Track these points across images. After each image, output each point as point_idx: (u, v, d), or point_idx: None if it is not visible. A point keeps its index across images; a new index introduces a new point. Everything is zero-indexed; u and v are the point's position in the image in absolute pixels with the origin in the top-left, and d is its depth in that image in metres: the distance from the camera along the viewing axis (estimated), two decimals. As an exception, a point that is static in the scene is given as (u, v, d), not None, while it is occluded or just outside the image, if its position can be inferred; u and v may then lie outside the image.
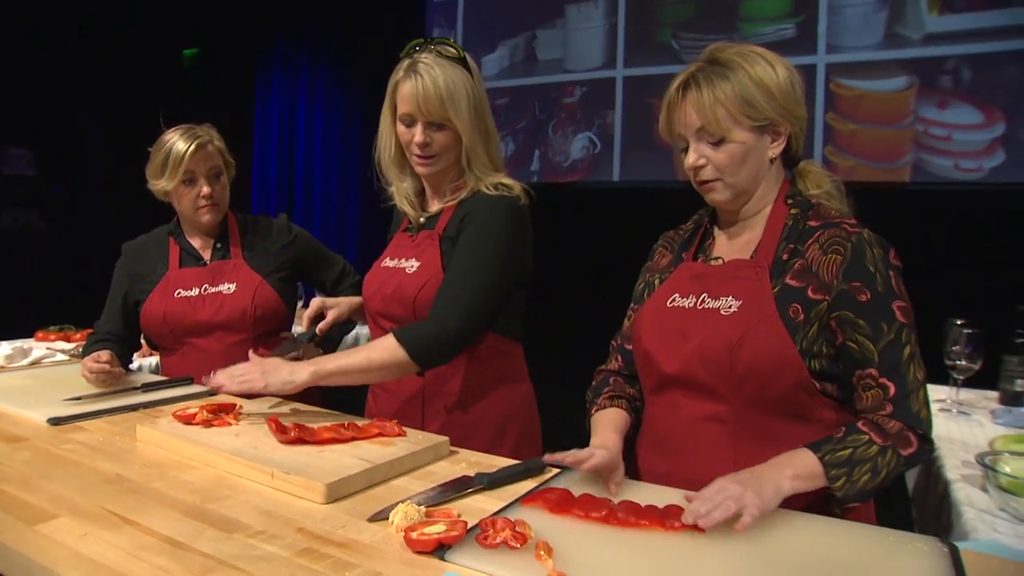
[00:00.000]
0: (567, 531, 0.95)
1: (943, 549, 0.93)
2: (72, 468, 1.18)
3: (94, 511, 1.01)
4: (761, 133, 1.14)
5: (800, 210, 1.17)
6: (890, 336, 1.08)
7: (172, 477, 1.15)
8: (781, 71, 1.13)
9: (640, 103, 4.58)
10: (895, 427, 1.07)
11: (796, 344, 1.09)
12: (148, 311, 1.81)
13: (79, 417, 1.45)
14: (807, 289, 1.11)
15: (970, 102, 3.72)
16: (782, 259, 1.14)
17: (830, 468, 1.02)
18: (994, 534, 1.21)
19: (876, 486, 1.04)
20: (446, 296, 1.42)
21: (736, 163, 1.14)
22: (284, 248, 1.93)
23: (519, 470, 1.19)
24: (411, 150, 1.48)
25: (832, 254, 1.10)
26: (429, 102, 1.41)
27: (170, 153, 1.74)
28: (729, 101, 1.11)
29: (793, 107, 1.14)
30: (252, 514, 1.01)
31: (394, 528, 0.96)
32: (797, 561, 0.89)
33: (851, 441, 1.05)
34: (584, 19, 4.78)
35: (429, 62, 1.42)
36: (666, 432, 1.20)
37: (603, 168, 4.77)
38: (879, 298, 1.08)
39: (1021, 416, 2.04)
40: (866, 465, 1.03)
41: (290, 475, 1.09)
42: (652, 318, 1.24)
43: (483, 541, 0.90)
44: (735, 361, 1.10)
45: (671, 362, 1.18)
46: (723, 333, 1.12)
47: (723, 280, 1.18)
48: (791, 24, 4.09)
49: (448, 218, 1.51)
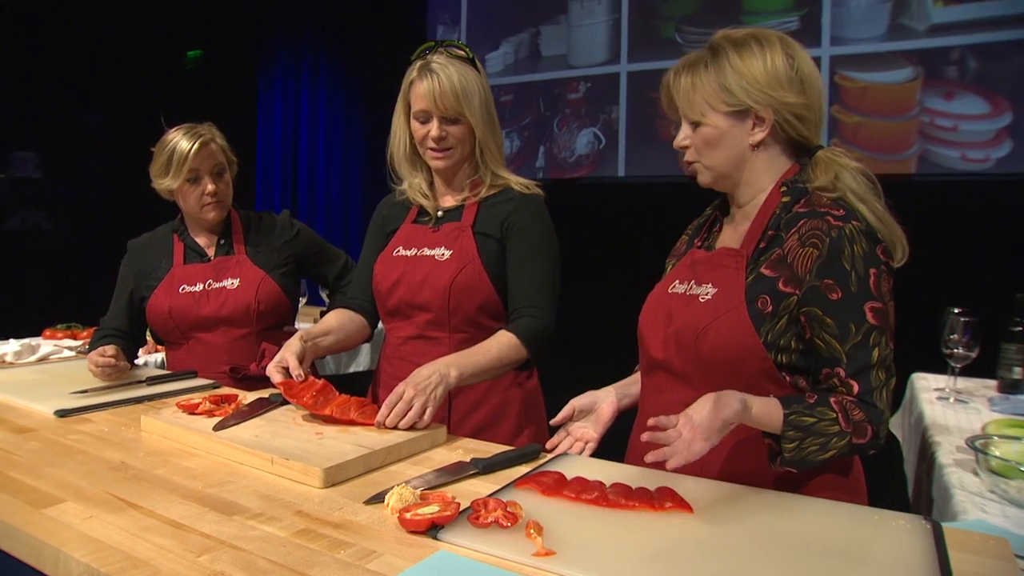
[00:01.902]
0: (559, 512, 0.97)
1: (926, 526, 0.94)
2: (78, 457, 1.21)
3: (99, 496, 1.04)
4: (740, 119, 1.15)
5: (791, 198, 1.16)
6: (857, 337, 1.07)
7: (175, 464, 1.18)
8: (777, 57, 1.13)
9: (644, 98, 4.58)
10: (859, 416, 1.06)
11: (760, 336, 1.10)
12: (153, 306, 1.85)
13: (85, 409, 1.48)
14: (779, 281, 1.11)
15: (976, 92, 3.70)
16: (760, 247, 1.15)
17: (789, 428, 1.03)
18: (982, 514, 1.22)
19: (815, 461, 1.05)
20: (537, 295, 1.54)
21: (710, 146, 1.17)
22: (287, 244, 1.96)
23: (514, 455, 1.21)
24: (426, 145, 1.55)
25: (809, 247, 1.09)
26: (445, 98, 1.49)
27: (174, 152, 1.78)
28: (705, 87, 1.14)
29: (780, 94, 1.12)
30: (252, 498, 1.04)
31: (389, 510, 0.98)
32: (783, 540, 0.90)
33: (819, 412, 1.05)
34: (587, 15, 4.79)
35: (442, 62, 1.51)
36: (652, 414, 1.21)
37: (608, 163, 4.78)
38: (851, 297, 1.07)
39: (1018, 403, 2.05)
40: (819, 439, 1.04)
41: (289, 461, 1.12)
42: (653, 302, 1.28)
43: (475, 520, 0.92)
44: (699, 348, 1.13)
45: (656, 346, 1.22)
46: (695, 319, 1.15)
47: (710, 267, 1.20)
48: (795, 17, 4.08)
49: (475, 212, 1.58)
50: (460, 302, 1.53)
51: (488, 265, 1.54)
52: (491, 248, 1.56)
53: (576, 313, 4.28)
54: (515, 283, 1.55)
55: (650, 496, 1.00)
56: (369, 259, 1.70)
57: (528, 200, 1.59)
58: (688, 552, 0.87)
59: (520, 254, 1.55)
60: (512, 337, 1.49)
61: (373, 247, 1.72)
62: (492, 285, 1.54)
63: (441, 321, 1.55)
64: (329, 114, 5.45)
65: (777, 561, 0.85)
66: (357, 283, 1.74)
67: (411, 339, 1.60)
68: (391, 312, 1.63)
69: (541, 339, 1.52)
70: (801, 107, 1.14)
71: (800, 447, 1.03)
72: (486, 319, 1.56)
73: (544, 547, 0.86)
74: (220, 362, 1.81)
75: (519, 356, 1.50)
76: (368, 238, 1.76)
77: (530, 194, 1.60)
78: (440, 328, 1.56)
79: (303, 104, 5.53)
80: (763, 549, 0.88)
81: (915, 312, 1.79)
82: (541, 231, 1.58)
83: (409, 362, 1.58)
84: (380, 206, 1.77)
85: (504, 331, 1.50)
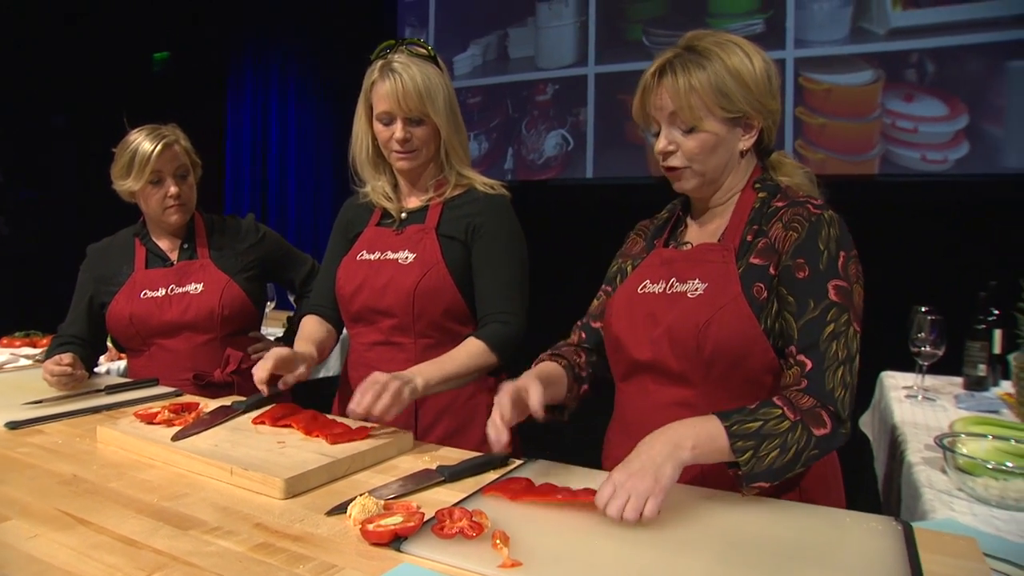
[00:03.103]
0: (526, 520, 0.95)
1: (897, 528, 0.94)
2: (27, 471, 1.16)
3: (46, 512, 0.99)
4: (733, 125, 1.14)
5: (768, 194, 1.18)
6: (814, 313, 1.06)
7: (131, 477, 1.14)
8: (758, 63, 1.12)
9: (612, 100, 4.60)
10: (807, 403, 1.03)
11: (761, 323, 1.09)
12: (114, 312, 1.79)
13: (38, 420, 1.42)
14: (769, 266, 1.12)
15: (935, 95, 3.78)
16: (747, 240, 1.15)
17: (736, 439, 0.98)
18: (951, 512, 1.23)
19: (784, 465, 0.99)
20: (504, 298, 1.51)
21: (706, 153, 1.14)
22: (251, 247, 1.92)
23: (480, 462, 1.18)
24: (390, 147, 1.51)
25: (791, 231, 1.11)
26: (408, 98, 1.45)
27: (136, 153, 1.73)
28: (704, 90, 1.10)
29: (767, 101, 1.14)
30: (209, 511, 1.00)
31: (352, 521, 0.95)
32: (753, 543, 0.89)
33: (763, 414, 1.01)
34: (555, 17, 4.79)
35: (404, 61, 1.46)
36: (635, 418, 1.20)
37: (576, 165, 4.78)
38: (816, 275, 1.07)
39: (983, 400, 2.08)
40: (775, 440, 0.99)
41: (248, 471, 1.08)
42: (623, 305, 1.24)
43: (439, 531, 0.90)
44: (702, 343, 1.10)
45: (641, 348, 1.18)
46: (690, 316, 1.12)
47: (691, 264, 1.19)
48: (760, 19, 4.13)
49: (439, 213, 1.55)
50: (424, 307, 1.50)
51: (453, 269, 1.51)
52: (456, 251, 1.52)
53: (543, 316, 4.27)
54: (483, 288, 1.52)
55: None
56: (332, 263, 1.66)
57: (493, 201, 1.56)
58: (659, 559, 0.85)
59: (487, 258, 1.52)
60: (480, 344, 1.46)
61: (336, 251, 1.68)
62: (457, 289, 1.51)
63: (405, 326, 1.52)
64: (299, 117, 5.38)
65: (749, 566, 0.84)
66: (320, 288, 1.70)
67: (376, 345, 1.56)
68: (355, 318, 1.59)
69: (511, 344, 1.50)
70: (777, 114, 1.16)
71: (756, 456, 0.98)
72: (452, 324, 1.53)
73: (510, 558, 0.84)
74: (183, 369, 1.76)
75: (488, 362, 1.47)
76: (331, 242, 1.72)
77: (495, 194, 1.57)
78: (404, 334, 1.53)
79: (272, 107, 5.45)
80: (735, 554, 0.87)
81: (883, 311, 1.81)
82: (508, 233, 1.55)
83: (374, 368, 1.54)
84: (344, 209, 1.73)
85: (472, 338, 1.48)
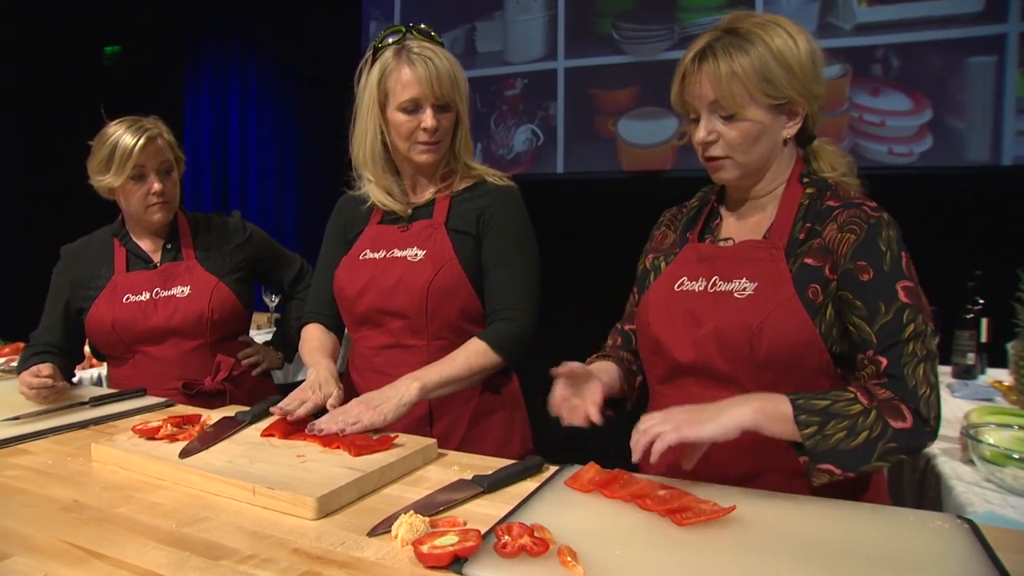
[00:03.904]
0: (585, 533, 0.89)
1: (964, 526, 0.92)
2: (19, 497, 1.06)
3: (53, 546, 0.89)
4: (778, 112, 1.09)
5: (816, 189, 1.13)
6: (888, 316, 1.03)
7: (139, 500, 1.04)
8: (803, 44, 1.07)
9: (582, 94, 4.57)
10: (886, 395, 1.00)
11: (817, 326, 1.05)
12: (94, 319, 1.66)
13: (21, 439, 1.31)
14: (825, 268, 1.07)
15: (900, 89, 3.85)
16: (799, 238, 1.10)
17: (800, 412, 0.96)
18: (989, 506, 1.22)
19: (853, 450, 0.96)
20: (513, 295, 1.44)
21: (749, 142, 1.09)
22: (239, 247, 1.81)
23: (517, 470, 1.12)
24: (415, 138, 1.42)
25: (848, 233, 1.06)
26: (442, 82, 1.38)
27: (116, 147, 1.60)
28: (747, 76, 1.05)
29: (813, 85, 1.08)
30: (237, 536, 0.92)
31: (399, 542, 0.88)
32: (828, 547, 0.85)
33: (833, 395, 0.99)
34: (523, 11, 4.74)
35: (424, 46, 1.38)
36: None
37: (547, 160, 4.74)
38: (883, 277, 1.04)
39: (978, 389, 2.11)
40: (843, 422, 0.96)
41: (275, 490, 1.00)
42: (660, 303, 1.18)
43: (501, 550, 0.84)
44: (756, 347, 1.05)
45: (684, 350, 1.13)
46: (740, 317, 1.07)
47: (735, 262, 1.13)
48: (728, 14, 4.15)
49: (447, 207, 1.47)
50: (439, 306, 1.42)
51: (466, 265, 1.44)
52: (468, 246, 1.45)
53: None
54: (492, 283, 1.45)
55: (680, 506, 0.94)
56: (329, 266, 1.56)
57: (504, 193, 1.49)
58: (734, 567, 0.81)
59: (497, 251, 1.45)
60: (481, 343, 1.39)
61: (333, 253, 1.57)
62: (472, 286, 1.44)
63: (418, 328, 1.44)
64: (260, 112, 5.20)
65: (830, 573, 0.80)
66: (318, 293, 1.59)
67: (385, 348, 1.48)
68: (360, 320, 1.50)
69: (517, 343, 1.42)
70: (822, 98, 1.11)
71: (821, 433, 0.95)
72: (467, 324, 1.46)
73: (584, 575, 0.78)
74: (171, 377, 1.65)
75: (491, 363, 1.39)
76: (326, 244, 1.61)
77: (505, 186, 1.50)
78: (417, 335, 1.45)
79: (232, 103, 5.25)
80: (810, 556, 0.83)
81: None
82: (519, 226, 1.48)
83: (383, 374, 1.47)
84: (339, 207, 1.62)
85: (475, 338, 1.41)
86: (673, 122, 4.14)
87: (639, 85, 4.33)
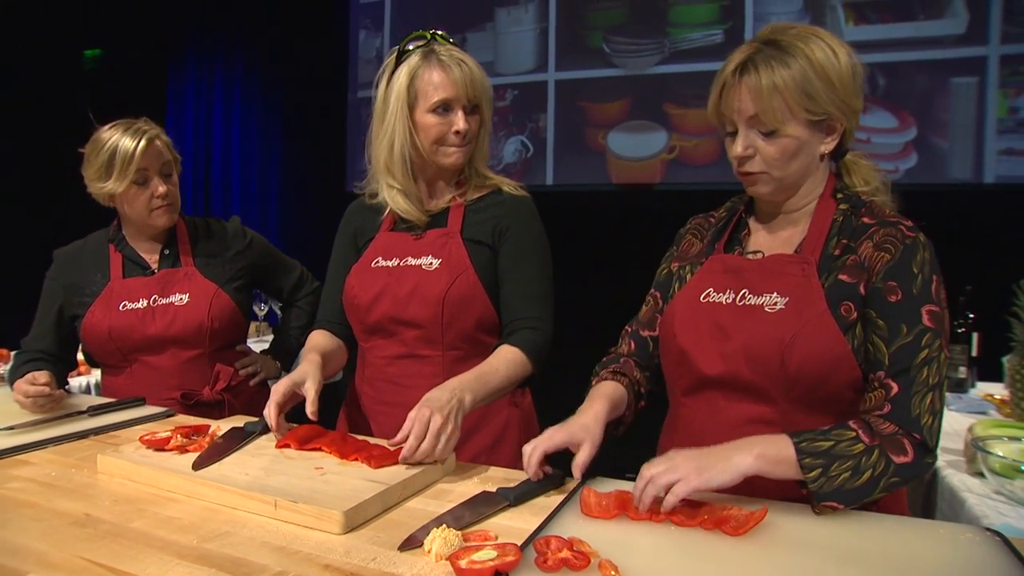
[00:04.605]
0: (622, 545, 0.88)
1: (994, 538, 0.92)
2: (27, 510, 1.01)
3: (70, 562, 0.86)
4: (816, 128, 1.08)
5: (850, 206, 1.12)
6: (907, 338, 1.02)
7: (153, 514, 1.00)
8: (843, 57, 1.06)
9: (572, 106, 4.59)
10: (888, 429, 1.00)
11: (849, 342, 1.04)
12: (90, 326, 1.61)
13: (20, 449, 1.26)
14: (860, 285, 1.06)
15: (886, 107, 3.92)
16: (833, 254, 1.09)
17: (804, 456, 0.96)
18: (1004, 518, 1.23)
19: (857, 488, 0.96)
20: (535, 305, 1.42)
21: (787, 158, 1.08)
22: (239, 254, 1.77)
23: (541, 482, 1.11)
24: (447, 140, 1.41)
25: (884, 252, 1.05)
26: (475, 84, 1.39)
27: (116, 152, 1.56)
28: (788, 91, 1.04)
29: (852, 100, 1.07)
30: (263, 552, 0.89)
31: (433, 556, 0.86)
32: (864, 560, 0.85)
33: (835, 435, 0.98)
34: (515, 22, 4.75)
35: (451, 50, 1.40)
36: (704, 435, 1.13)
37: (536, 171, 4.74)
38: (910, 300, 1.03)
39: (971, 402, 2.14)
40: (847, 462, 0.96)
41: (298, 504, 0.97)
42: (686, 315, 1.17)
43: (543, 564, 0.82)
44: (787, 362, 1.05)
45: (711, 363, 1.12)
46: (771, 332, 1.07)
47: (764, 275, 1.12)
48: (719, 30, 4.20)
49: (461, 216, 1.45)
50: (454, 316, 1.40)
51: (482, 274, 1.42)
52: (484, 256, 1.43)
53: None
54: (511, 292, 1.43)
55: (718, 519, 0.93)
56: (340, 275, 1.53)
57: (520, 203, 1.48)
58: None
59: (516, 261, 1.44)
60: (517, 352, 1.36)
61: (343, 261, 1.54)
62: (487, 296, 1.42)
63: (433, 337, 1.42)
64: (245, 119, 5.14)
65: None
66: (328, 302, 1.56)
67: (398, 358, 1.45)
68: (372, 329, 1.47)
69: (544, 352, 1.41)
70: (859, 113, 1.10)
71: (826, 475, 0.95)
72: (482, 334, 1.44)
73: (630, 590, 0.77)
74: (168, 387, 1.61)
75: (525, 373, 1.38)
76: (336, 252, 1.58)
77: (520, 196, 1.49)
78: (432, 345, 1.43)
79: (216, 109, 5.18)
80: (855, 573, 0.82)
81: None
82: (535, 236, 1.47)
83: (396, 384, 1.45)
84: (348, 214, 1.59)
85: (507, 346, 1.37)
86: (663, 135, 4.17)
87: (629, 98, 4.36)
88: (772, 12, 4.10)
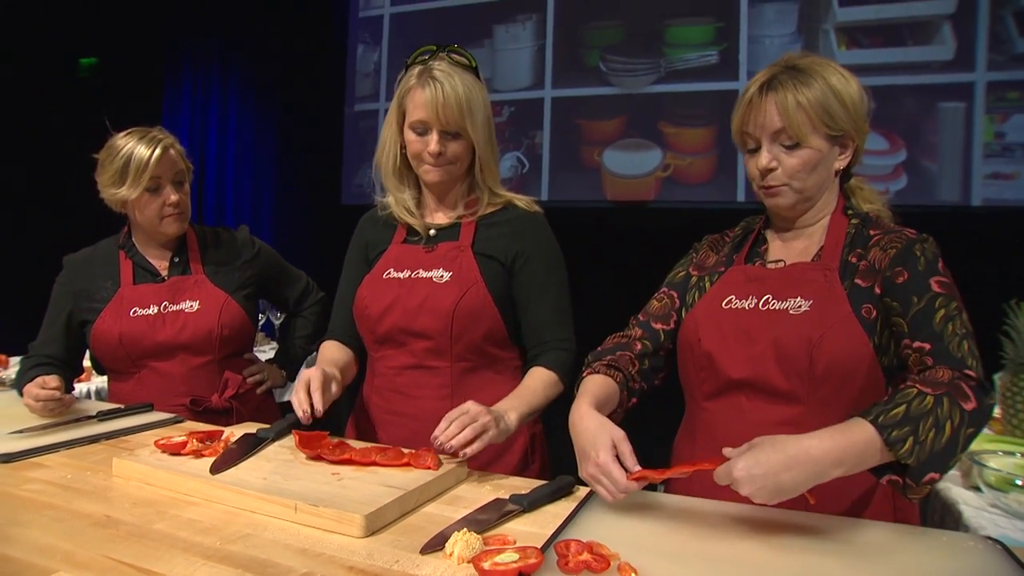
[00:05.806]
0: (640, 547, 0.90)
1: (997, 547, 0.95)
2: (48, 511, 1.02)
3: (98, 561, 0.87)
4: (833, 144, 1.16)
5: (860, 221, 1.20)
6: (920, 304, 1.06)
7: (173, 516, 1.02)
8: (854, 84, 1.15)
9: (568, 123, 4.65)
10: (943, 376, 0.98)
11: (871, 342, 1.10)
12: (100, 332, 1.62)
13: (32, 452, 1.27)
14: (874, 286, 1.12)
15: (876, 130, 3.99)
16: (849, 262, 1.16)
17: (888, 430, 0.91)
18: (1000, 530, 1.26)
19: (944, 448, 0.92)
20: (561, 325, 1.47)
21: (808, 169, 1.15)
22: (248, 263, 1.79)
23: (552, 490, 1.13)
24: (423, 159, 1.43)
25: (889, 250, 1.13)
26: (448, 110, 1.37)
27: (131, 159, 1.58)
28: (811, 107, 1.12)
29: (861, 122, 1.17)
30: (287, 553, 0.90)
31: (455, 559, 0.88)
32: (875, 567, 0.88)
33: (900, 398, 0.95)
34: (512, 40, 4.81)
35: (445, 69, 1.38)
36: (728, 437, 1.11)
37: (531, 188, 4.77)
38: (916, 276, 1.08)
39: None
40: (928, 420, 0.92)
41: (319, 507, 0.99)
42: (710, 320, 1.22)
43: (564, 566, 0.84)
44: (815, 360, 1.09)
45: (737, 366, 1.17)
46: (799, 332, 1.12)
47: (787, 282, 1.18)
48: (714, 51, 4.27)
49: (473, 231, 1.47)
50: (463, 328, 1.42)
51: (492, 288, 1.44)
52: (495, 272, 1.46)
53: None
54: (536, 313, 1.46)
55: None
56: (351, 287, 1.55)
57: (533, 220, 1.50)
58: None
59: (539, 282, 1.46)
60: (552, 375, 1.41)
61: (354, 273, 1.56)
62: (497, 310, 1.45)
63: (442, 349, 1.44)
64: (240, 129, 5.15)
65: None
66: (340, 314, 1.58)
67: (407, 369, 1.47)
68: (382, 340, 1.49)
69: (572, 371, 1.43)
70: (866, 137, 1.19)
71: (917, 442, 0.91)
72: (491, 347, 1.46)
73: (650, 592, 0.79)
74: (176, 393, 1.62)
75: (559, 392, 1.42)
76: (348, 264, 1.60)
77: (533, 212, 1.52)
78: (440, 357, 1.45)
79: (212, 118, 5.20)
80: (864, 580, 0.85)
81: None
82: (551, 254, 1.50)
83: (404, 394, 1.47)
84: (360, 226, 1.62)
85: (543, 368, 1.42)
86: (657, 154, 4.23)
87: (625, 117, 4.42)
88: (766, 35, 4.19)
